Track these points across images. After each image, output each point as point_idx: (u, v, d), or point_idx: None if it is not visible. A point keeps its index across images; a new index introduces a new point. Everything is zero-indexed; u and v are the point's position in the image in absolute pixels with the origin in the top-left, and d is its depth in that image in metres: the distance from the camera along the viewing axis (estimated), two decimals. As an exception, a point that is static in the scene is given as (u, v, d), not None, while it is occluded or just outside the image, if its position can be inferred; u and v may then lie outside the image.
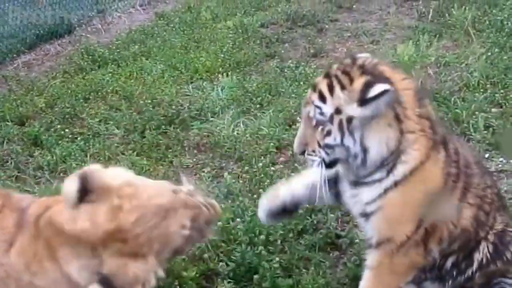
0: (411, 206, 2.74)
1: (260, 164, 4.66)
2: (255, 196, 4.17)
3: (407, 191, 2.70)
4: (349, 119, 2.59)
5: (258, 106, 5.85)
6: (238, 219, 3.85)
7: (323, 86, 2.66)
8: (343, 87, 2.61)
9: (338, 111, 2.61)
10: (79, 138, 5.35)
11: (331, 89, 2.64)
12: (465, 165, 2.89)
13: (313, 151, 2.74)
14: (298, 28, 8.57)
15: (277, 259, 3.51)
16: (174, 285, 3.36)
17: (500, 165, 4.59)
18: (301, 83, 6.18)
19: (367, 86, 2.54)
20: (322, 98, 2.65)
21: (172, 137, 5.34)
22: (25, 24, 8.71)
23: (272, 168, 4.66)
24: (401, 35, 7.80)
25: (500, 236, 2.98)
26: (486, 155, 4.71)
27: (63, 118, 5.83)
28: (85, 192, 2.40)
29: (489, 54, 6.44)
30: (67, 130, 5.48)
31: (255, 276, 3.40)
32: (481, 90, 5.71)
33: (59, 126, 5.57)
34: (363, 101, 2.54)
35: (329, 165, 2.77)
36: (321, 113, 2.65)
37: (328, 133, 2.66)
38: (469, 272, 2.99)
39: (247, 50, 7.57)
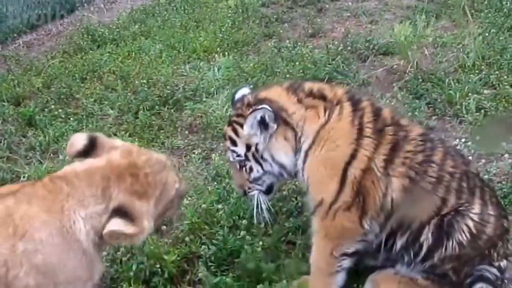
0: (327, 163, 3.01)
1: (250, 146, 4.63)
2: (242, 178, 4.17)
3: (319, 152, 3.03)
4: (257, 148, 3.15)
5: (253, 86, 5.80)
6: (222, 203, 3.89)
7: (230, 133, 3.25)
8: (242, 126, 3.17)
9: (248, 147, 3.17)
10: (72, 119, 5.38)
11: (235, 132, 3.22)
12: (395, 123, 3.08)
13: (249, 188, 3.30)
14: (298, 7, 8.55)
15: (260, 242, 3.49)
16: (155, 268, 3.37)
17: (490, 149, 4.56)
18: (297, 63, 6.14)
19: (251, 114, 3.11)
20: (233, 142, 3.23)
21: (165, 117, 5.36)
22: (28, 4, 8.71)
23: (261, 150, 4.63)
24: (400, 15, 7.75)
25: (446, 217, 2.97)
26: (477, 137, 4.66)
27: (58, 98, 5.87)
28: (91, 148, 2.64)
29: (486, 34, 6.38)
30: (61, 111, 5.51)
31: (237, 260, 3.40)
32: (476, 71, 5.68)
33: (53, 107, 5.61)
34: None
35: (267, 191, 3.34)
36: (238, 155, 3.22)
37: (251, 169, 3.22)
38: (421, 254, 3.02)
39: (246, 29, 7.55)
